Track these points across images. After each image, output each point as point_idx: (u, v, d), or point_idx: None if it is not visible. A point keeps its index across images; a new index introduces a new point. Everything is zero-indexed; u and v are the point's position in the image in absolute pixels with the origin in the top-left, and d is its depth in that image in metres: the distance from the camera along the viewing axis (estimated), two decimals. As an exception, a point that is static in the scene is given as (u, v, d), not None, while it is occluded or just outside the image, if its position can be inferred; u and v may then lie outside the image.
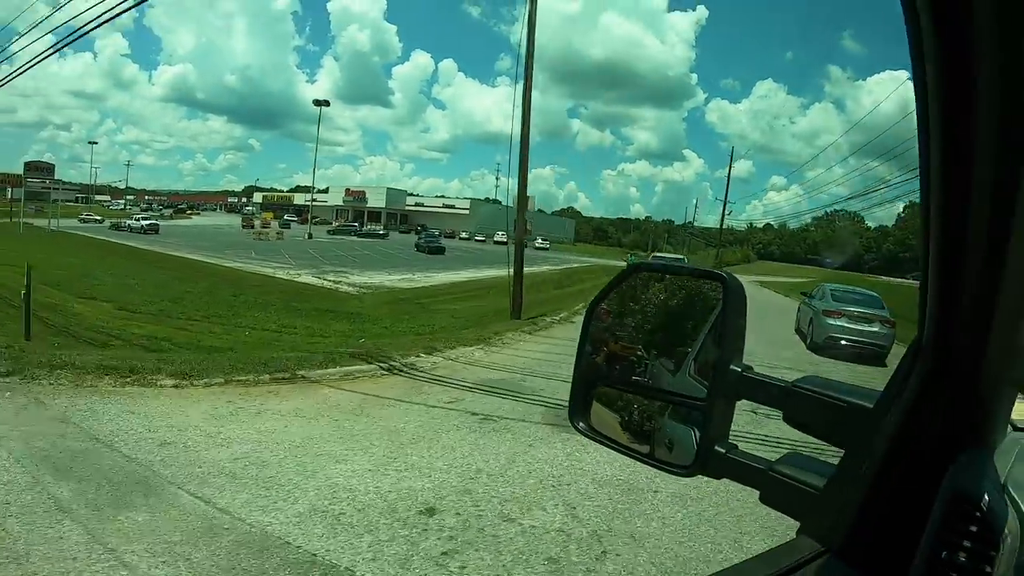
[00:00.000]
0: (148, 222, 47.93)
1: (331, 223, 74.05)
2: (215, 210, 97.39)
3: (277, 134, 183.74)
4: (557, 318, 13.78)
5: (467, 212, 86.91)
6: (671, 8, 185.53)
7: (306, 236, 52.77)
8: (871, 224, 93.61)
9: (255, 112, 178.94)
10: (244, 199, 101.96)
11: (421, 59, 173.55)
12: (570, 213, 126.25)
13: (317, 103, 70.09)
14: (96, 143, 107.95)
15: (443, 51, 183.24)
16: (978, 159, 0.57)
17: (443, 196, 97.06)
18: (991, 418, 0.81)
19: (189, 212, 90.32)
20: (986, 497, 0.70)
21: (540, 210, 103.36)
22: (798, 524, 0.83)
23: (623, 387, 1.00)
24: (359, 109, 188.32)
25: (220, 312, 14.88)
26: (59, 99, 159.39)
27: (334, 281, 22.49)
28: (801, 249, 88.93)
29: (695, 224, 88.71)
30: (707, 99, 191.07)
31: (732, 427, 0.87)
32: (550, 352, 9.54)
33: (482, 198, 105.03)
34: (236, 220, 67.82)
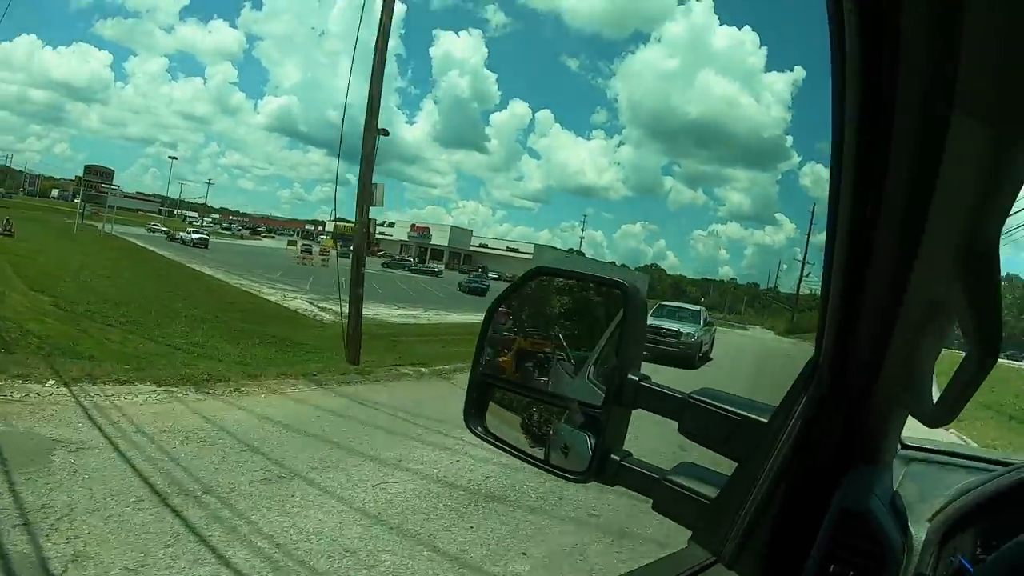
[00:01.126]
0: (198, 236, 49.71)
1: (394, 257, 74.55)
2: (292, 235, 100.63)
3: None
4: (422, 370, 11.24)
5: (531, 256, 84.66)
6: (768, 68, 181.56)
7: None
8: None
9: (354, 148, 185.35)
10: (319, 227, 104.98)
11: (519, 108, 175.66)
12: (651, 269, 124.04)
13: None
14: (176, 158, 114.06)
15: (540, 101, 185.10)
16: (889, 185, 0.59)
17: (515, 241, 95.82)
18: (882, 437, 0.84)
19: (264, 234, 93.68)
20: (874, 513, 0.74)
21: (624, 265, 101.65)
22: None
23: (520, 390, 1.00)
24: (455, 153, 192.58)
25: (148, 321, 13.66)
26: (168, 119, 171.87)
27: (322, 309, 21.13)
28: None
29: (778, 289, 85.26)
30: (801, 162, 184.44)
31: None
32: (262, 422, 6.90)
33: (566, 249, 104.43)
34: (332, 253, 68.83)
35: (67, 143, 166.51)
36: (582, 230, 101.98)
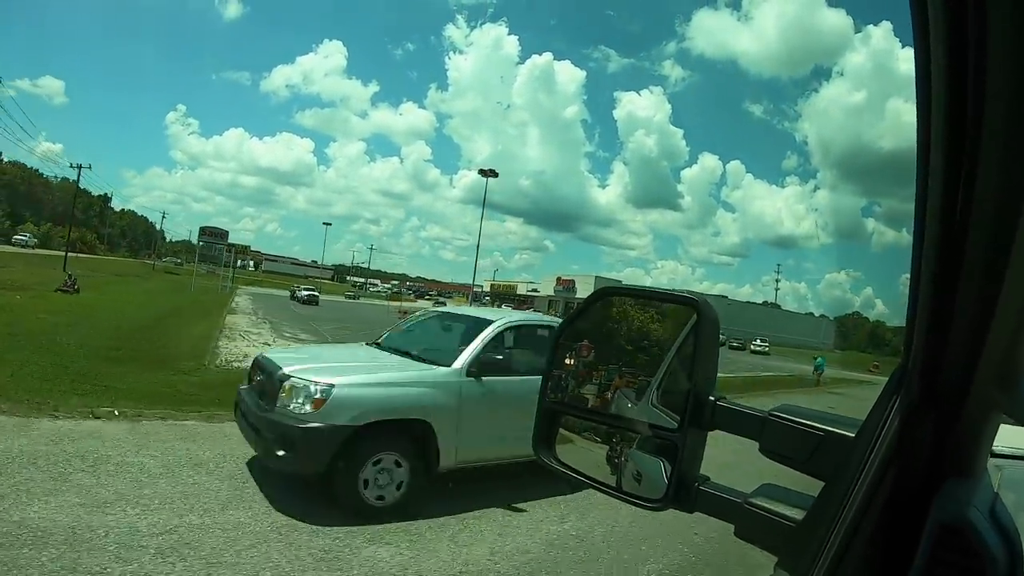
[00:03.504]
0: (308, 293, 49.99)
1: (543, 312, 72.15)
2: (463, 296, 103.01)
3: (570, 236, 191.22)
4: None
5: None
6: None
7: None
8: None
9: (549, 215, 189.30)
10: (481, 288, 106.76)
11: (708, 161, 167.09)
12: (854, 318, 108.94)
13: (483, 173, 68.91)
14: (329, 224, 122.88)
15: (729, 152, 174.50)
16: (980, 183, 0.56)
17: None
18: (977, 447, 0.79)
19: (428, 297, 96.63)
20: (975, 526, 0.70)
21: (823, 315, 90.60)
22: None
23: (589, 417, 0.97)
24: (650, 213, 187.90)
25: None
26: (369, 197, 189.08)
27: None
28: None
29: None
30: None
31: None
32: None
33: (760, 302, 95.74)
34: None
35: (278, 222, 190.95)
36: (777, 282, 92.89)
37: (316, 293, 51.32)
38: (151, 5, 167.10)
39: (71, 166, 55.57)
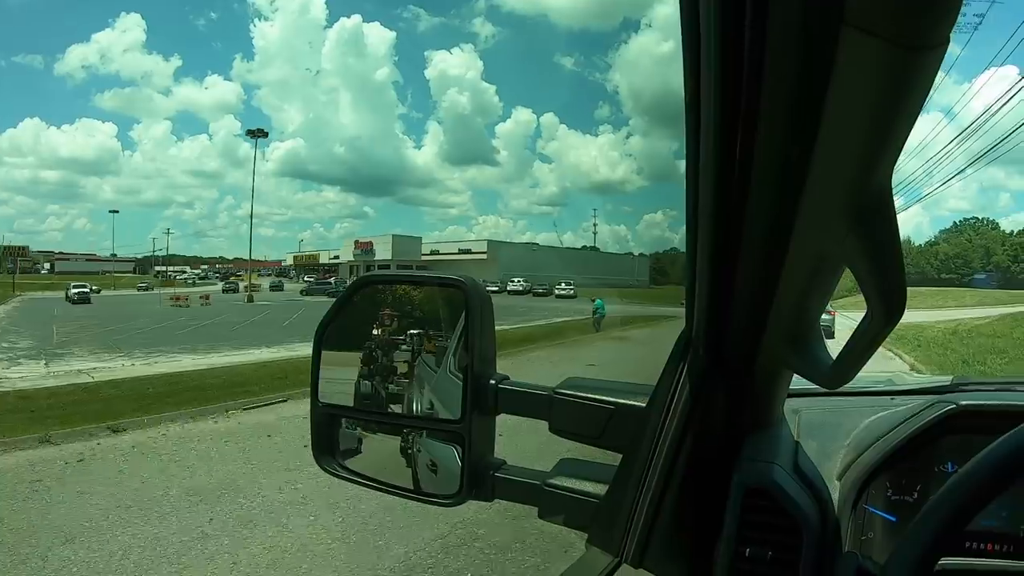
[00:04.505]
0: (79, 291, 47.22)
1: (316, 281, 72.85)
2: (269, 274, 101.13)
3: (390, 200, 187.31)
4: None
5: (485, 256, 76.85)
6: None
7: (246, 300, 51.05)
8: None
9: (366, 180, 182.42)
10: (287, 262, 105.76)
11: (522, 116, 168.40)
12: (671, 254, 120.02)
13: (251, 133, 67.88)
14: (117, 212, 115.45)
15: (543, 105, 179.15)
16: (762, 136, 0.50)
17: (472, 242, 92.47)
18: (772, 400, 0.80)
19: (234, 277, 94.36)
20: (779, 485, 0.71)
21: (642, 254, 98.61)
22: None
23: (370, 417, 0.94)
24: (467, 170, 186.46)
25: None
26: (180, 179, 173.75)
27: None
28: (933, 267, 77.22)
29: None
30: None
31: None
32: None
33: (579, 246, 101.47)
34: (264, 284, 68.76)
35: (87, 218, 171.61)
36: (595, 226, 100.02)
37: (87, 290, 48.61)
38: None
39: None
